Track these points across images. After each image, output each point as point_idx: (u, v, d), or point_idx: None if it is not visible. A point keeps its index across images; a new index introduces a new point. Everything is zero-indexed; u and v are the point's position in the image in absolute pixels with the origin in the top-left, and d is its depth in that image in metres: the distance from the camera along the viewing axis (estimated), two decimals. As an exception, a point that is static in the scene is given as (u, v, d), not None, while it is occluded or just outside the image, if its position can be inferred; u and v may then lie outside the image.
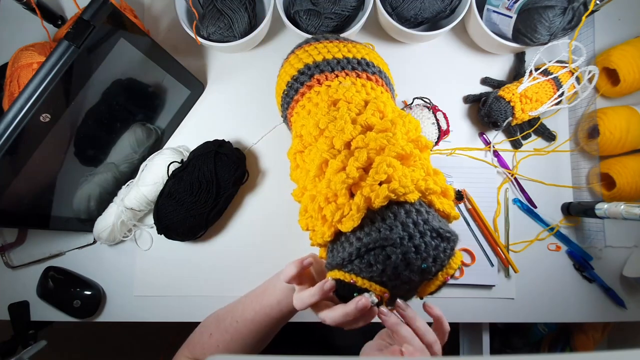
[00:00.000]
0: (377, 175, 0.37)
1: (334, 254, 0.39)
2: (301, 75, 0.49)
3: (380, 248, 0.35)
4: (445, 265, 0.36)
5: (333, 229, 0.39)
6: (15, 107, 0.43)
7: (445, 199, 0.40)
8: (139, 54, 0.53)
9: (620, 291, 0.64)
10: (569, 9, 0.57)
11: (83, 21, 0.43)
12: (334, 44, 0.51)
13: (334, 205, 0.38)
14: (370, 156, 0.38)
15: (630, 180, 0.60)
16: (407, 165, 0.39)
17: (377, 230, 0.36)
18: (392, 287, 0.36)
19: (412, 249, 0.34)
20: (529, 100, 0.61)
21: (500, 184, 0.66)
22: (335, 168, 0.39)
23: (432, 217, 0.37)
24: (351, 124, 0.41)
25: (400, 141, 0.39)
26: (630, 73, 0.61)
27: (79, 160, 0.57)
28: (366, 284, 0.35)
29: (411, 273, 0.35)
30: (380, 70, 0.50)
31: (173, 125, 0.68)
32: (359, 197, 0.37)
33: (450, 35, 0.70)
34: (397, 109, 0.45)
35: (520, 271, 0.63)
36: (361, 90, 0.46)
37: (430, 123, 0.60)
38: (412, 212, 0.36)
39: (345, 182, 0.38)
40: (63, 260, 0.66)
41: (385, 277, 0.35)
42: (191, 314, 0.64)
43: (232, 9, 0.60)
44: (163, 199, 0.59)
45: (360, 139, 0.39)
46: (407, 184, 0.36)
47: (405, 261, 0.34)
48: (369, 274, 0.35)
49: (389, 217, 0.36)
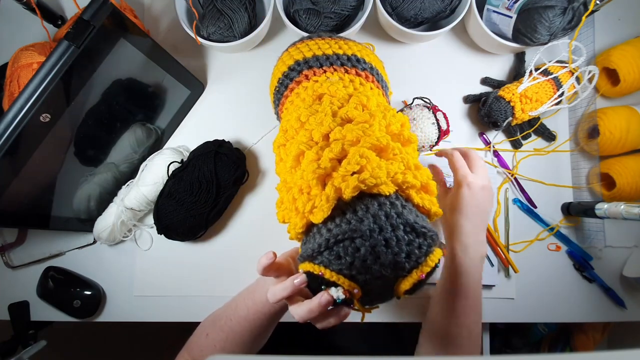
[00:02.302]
0: (349, 166, 0.36)
1: (306, 246, 0.38)
2: (291, 71, 0.50)
3: (350, 240, 0.34)
4: (422, 262, 0.35)
5: (305, 220, 0.38)
6: (15, 107, 0.43)
7: (427, 194, 0.39)
8: (139, 54, 0.53)
9: (620, 291, 0.64)
10: (569, 9, 0.57)
11: (83, 21, 0.43)
12: (326, 41, 0.51)
13: (305, 196, 0.38)
14: (345, 148, 0.38)
15: (630, 180, 0.60)
16: (385, 157, 0.38)
17: (347, 221, 0.35)
18: (363, 282, 0.34)
19: (382, 242, 0.33)
20: (529, 100, 0.61)
21: (500, 184, 0.66)
22: (310, 159, 0.38)
23: (408, 211, 0.36)
24: (331, 116, 0.40)
25: (377, 133, 0.38)
26: (630, 73, 0.61)
27: (79, 160, 0.57)
28: (334, 276, 0.34)
29: (382, 267, 0.34)
30: (371, 67, 0.50)
31: (173, 125, 0.68)
32: (330, 188, 0.36)
33: (450, 35, 0.70)
34: (383, 104, 0.44)
35: (520, 271, 0.63)
36: (349, 85, 0.46)
37: (430, 123, 0.60)
38: (386, 204, 0.35)
39: (316, 172, 0.37)
40: (63, 260, 0.66)
41: (354, 270, 0.34)
42: (191, 314, 0.64)
43: (232, 9, 0.60)
44: (163, 199, 0.59)
45: (338, 130, 0.39)
46: (379, 175, 0.35)
47: (374, 254, 0.33)
48: (338, 266, 0.34)
49: (360, 209, 0.35)
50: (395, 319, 0.64)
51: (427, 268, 0.35)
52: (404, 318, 0.64)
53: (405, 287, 0.35)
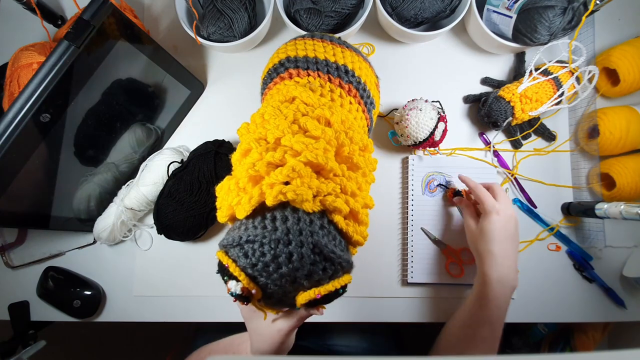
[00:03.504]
0: (280, 175, 0.37)
1: (227, 235, 0.39)
2: (280, 66, 0.50)
3: (259, 244, 0.35)
4: (323, 284, 0.36)
5: (230, 212, 0.39)
6: (15, 107, 0.43)
7: (354, 222, 0.40)
8: (139, 54, 0.53)
9: (620, 291, 0.64)
10: (569, 9, 0.57)
11: (83, 21, 0.43)
12: (325, 44, 0.50)
13: (237, 190, 0.39)
14: (286, 157, 0.38)
15: (630, 180, 0.60)
16: (324, 176, 0.39)
17: (263, 225, 0.36)
18: (264, 285, 0.36)
19: (286, 254, 0.35)
20: (529, 100, 0.61)
21: (500, 184, 0.66)
22: (253, 158, 0.39)
23: (326, 233, 0.37)
24: (290, 122, 0.41)
25: (318, 151, 0.38)
26: (630, 73, 0.61)
27: (79, 160, 0.57)
28: (237, 272, 0.36)
29: (281, 277, 0.35)
30: (359, 82, 0.49)
31: (173, 125, 0.68)
32: (256, 190, 0.37)
33: (450, 35, 0.70)
34: (348, 122, 0.44)
35: (520, 271, 0.63)
36: (326, 94, 0.46)
37: (428, 118, 0.59)
38: (304, 221, 0.36)
39: (248, 172, 0.38)
40: (63, 260, 0.66)
41: (257, 272, 0.36)
42: (191, 314, 0.64)
43: (232, 9, 0.60)
44: (163, 199, 0.59)
45: (289, 137, 0.39)
46: (302, 192, 0.36)
47: (276, 264, 0.35)
48: (243, 264, 0.36)
49: (279, 218, 0.36)
50: (396, 319, 0.64)
51: (324, 290, 0.35)
52: (404, 318, 0.64)
53: (301, 300, 0.36)
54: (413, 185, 0.65)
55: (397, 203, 0.66)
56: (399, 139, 0.63)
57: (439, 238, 0.64)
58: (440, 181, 0.65)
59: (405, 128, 0.60)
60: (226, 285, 0.36)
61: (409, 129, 0.59)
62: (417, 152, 0.66)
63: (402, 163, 0.67)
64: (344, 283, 0.37)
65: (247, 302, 0.37)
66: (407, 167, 0.65)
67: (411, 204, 0.64)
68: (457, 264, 0.63)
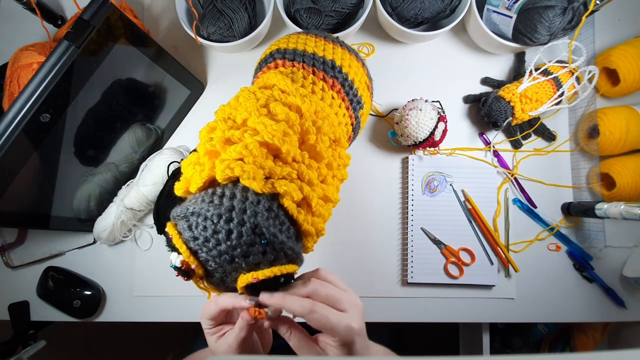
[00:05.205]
0: (233, 152, 0.37)
1: (180, 206, 0.39)
2: (270, 56, 0.51)
3: (203, 217, 0.35)
4: (262, 269, 0.35)
5: (187, 185, 0.39)
6: (15, 107, 0.43)
7: (308, 212, 0.39)
8: (139, 54, 0.53)
9: (620, 291, 0.64)
10: (569, 9, 0.57)
11: (83, 21, 0.43)
12: (317, 40, 0.50)
13: (193, 165, 0.40)
14: (245, 135, 0.38)
15: (630, 180, 0.60)
16: (283, 160, 0.38)
17: (210, 200, 0.36)
18: (204, 260, 0.36)
19: (225, 230, 0.34)
20: (529, 100, 0.61)
21: (500, 184, 0.66)
22: (216, 136, 0.39)
23: (272, 216, 0.36)
24: (261, 105, 0.41)
25: (276, 132, 0.38)
26: (630, 73, 0.61)
27: (79, 160, 0.57)
28: (179, 243, 0.36)
29: (219, 254, 0.35)
30: (346, 79, 0.49)
31: (173, 125, 0.68)
32: (208, 164, 0.37)
33: (450, 35, 0.70)
34: (324, 113, 0.43)
35: (520, 271, 0.63)
36: (308, 86, 0.46)
37: (428, 118, 0.59)
38: (252, 201, 0.36)
39: (205, 146, 0.39)
40: (63, 260, 0.66)
41: (197, 246, 0.35)
42: (191, 314, 0.64)
43: (232, 9, 0.60)
44: (163, 199, 0.59)
45: (254, 119, 0.39)
46: (250, 169, 0.35)
47: (215, 240, 0.34)
48: (187, 237, 0.36)
49: (227, 195, 0.36)
50: (396, 319, 0.64)
51: (262, 275, 0.34)
52: (404, 318, 0.64)
53: (239, 283, 0.35)
54: (413, 185, 0.65)
55: (397, 203, 0.66)
56: (399, 139, 0.63)
57: (439, 238, 0.64)
58: (440, 181, 0.65)
59: (405, 128, 0.60)
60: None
61: (409, 129, 0.60)
62: (417, 152, 0.66)
63: (402, 163, 0.67)
64: (286, 272, 0.35)
65: (188, 277, 0.37)
66: (407, 167, 0.65)
67: (411, 204, 0.64)
68: (457, 264, 0.63)
